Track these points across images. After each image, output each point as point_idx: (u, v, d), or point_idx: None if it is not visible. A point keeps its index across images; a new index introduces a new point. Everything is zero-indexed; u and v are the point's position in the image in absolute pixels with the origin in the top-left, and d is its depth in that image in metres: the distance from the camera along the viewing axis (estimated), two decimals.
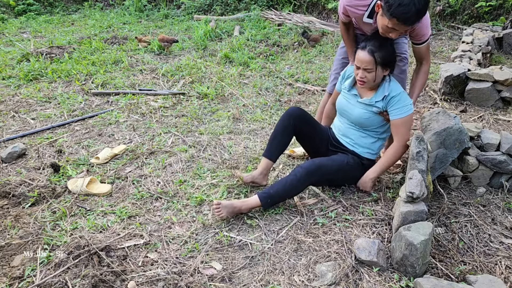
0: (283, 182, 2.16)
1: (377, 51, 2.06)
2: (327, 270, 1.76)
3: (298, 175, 2.15)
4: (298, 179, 2.14)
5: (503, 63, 4.83)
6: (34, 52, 5.24)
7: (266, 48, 5.61)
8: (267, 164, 2.38)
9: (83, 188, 2.36)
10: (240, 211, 2.13)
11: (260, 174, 2.38)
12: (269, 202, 2.14)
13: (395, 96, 2.16)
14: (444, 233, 2.04)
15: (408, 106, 2.17)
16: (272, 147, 2.38)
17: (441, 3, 6.86)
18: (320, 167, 2.19)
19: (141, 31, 7.09)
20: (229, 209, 2.09)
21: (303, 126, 2.39)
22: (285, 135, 2.37)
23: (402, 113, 2.16)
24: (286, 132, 2.36)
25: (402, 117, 2.16)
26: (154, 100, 3.89)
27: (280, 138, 2.37)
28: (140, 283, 1.72)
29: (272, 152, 2.38)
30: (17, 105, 3.72)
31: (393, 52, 2.15)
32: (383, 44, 2.08)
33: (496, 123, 3.28)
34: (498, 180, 2.38)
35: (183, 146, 2.95)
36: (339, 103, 2.39)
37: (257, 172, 2.39)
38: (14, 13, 8.76)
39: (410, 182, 1.88)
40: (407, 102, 2.17)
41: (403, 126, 2.19)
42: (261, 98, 3.89)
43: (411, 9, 1.84)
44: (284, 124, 2.36)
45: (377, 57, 2.06)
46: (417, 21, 1.93)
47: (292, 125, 2.35)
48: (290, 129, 2.36)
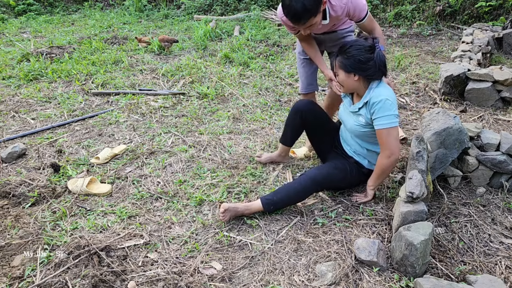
0: (287, 189, 2.16)
1: (338, 56, 2.07)
2: (327, 270, 1.76)
3: (303, 183, 2.14)
4: (303, 187, 2.14)
5: (503, 63, 4.83)
6: (34, 52, 5.24)
7: (266, 48, 5.61)
8: (284, 149, 2.65)
9: (83, 188, 2.36)
10: (243, 215, 2.15)
11: (278, 156, 2.68)
12: (272, 208, 2.15)
13: (376, 103, 2.01)
14: (444, 233, 2.04)
15: (390, 116, 2.01)
16: (287, 134, 2.57)
17: (441, 3, 6.86)
18: (326, 178, 2.19)
19: (141, 31, 7.09)
20: (232, 213, 2.11)
21: (311, 119, 2.44)
22: (296, 127, 2.51)
23: (383, 123, 2.02)
24: (297, 126, 2.50)
25: (382, 128, 2.03)
26: (154, 100, 3.89)
27: (293, 129, 2.53)
28: (140, 283, 1.72)
29: (287, 138, 2.58)
30: (17, 105, 3.73)
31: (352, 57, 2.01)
32: (343, 48, 2.05)
33: (496, 123, 3.28)
34: (498, 180, 2.38)
35: (183, 146, 2.95)
36: (340, 111, 2.40)
37: (275, 154, 2.68)
38: (14, 13, 8.77)
39: (410, 182, 1.88)
40: (390, 112, 2.01)
41: (385, 137, 2.05)
42: (261, 98, 3.89)
43: (290, 11, 1.99)
44: (295, 121, 2.48)
45: (337, 61, 2.08)
46: (303, 18, 2.00)
47: (301, 121, 2.45)
48: (300, 125, 2.48)
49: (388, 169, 2.13)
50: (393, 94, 2.07)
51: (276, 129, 3.24)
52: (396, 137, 2.06)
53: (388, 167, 2.11)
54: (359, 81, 2.07)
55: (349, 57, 2.01)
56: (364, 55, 1.99)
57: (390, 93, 2.05)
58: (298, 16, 1.99)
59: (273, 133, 3.18)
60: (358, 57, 1.99)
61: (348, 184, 2.35)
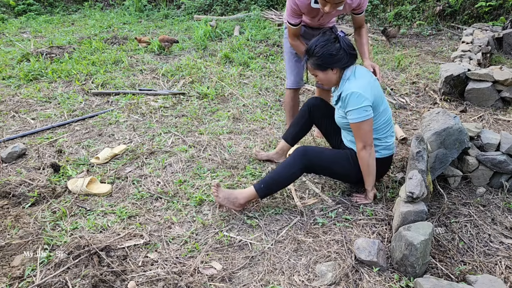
0: (275, 169, 2.19)
1: (309, 59, 2.10)
2: (327, 270, 1.76)
3: (293, 156, 2.15)
4: (289, 161, 2.13)
5: (503, 63, 4.84)
6: (34, 52, 5.24)
7: (266, 48, 5.61)
8: (283, 146, 2.64)
9: (83, 188, 2.36)
10: (237, 201, 2.12)
11: (276, 153, 2.67)
12: (263, 187, 2.12)
13: (345, 97, 2.03)
14: (444, 233, 2.04)
15: (359, 110, 2.00)
16: (290, 131, 2.59)
17: (441, 3, 6.86)
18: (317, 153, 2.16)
19: (141, 31, 7.09)
20: (226, 195, 2.12)
21: (320, 116, 2.48)
22: (302, 121, 2.53)
23: (353, 118, 2.04)
24: (303, 121, 2.53)
25: (353, 122, 2.05)
26: (154, 100, 3.89)
27: (297, 124, 2.55)
28: (140, 283, 1.72)
29: (289, 135, 2.59)
30: (17, 105, 3.73)
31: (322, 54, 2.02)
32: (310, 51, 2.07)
33: (496, 123, 3.28)
34: (498, 180, 2.38)
35: (183, 146, 2.95)
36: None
37: (273, 151, 2.70)
38: (14, 13, 8.77)
39: (410, 182, 1.88)
40: (358, 105, 2.00)
41: (356, 130, 2.07)
42: (261, 98, 3.89)
43: None
44: (301, 113, 2.53)
45: (310, 64, 2.10)
46: None
47: (309, 114, 2.49)
48: (307, 117, 2.51)
49: (369, 161, 2.11)
50: (364, 85, 2.03)
51: (276, 129, 3.24)
52: (368, 130, 2.06)
53: (367, 158, 2.10)
54: (338, 73, 2.11)
55: (319, 56, 2.03)
56: (332, 47, 2.02)
57: (359, 84, 2.02)
58: None
59: (273, 133, 3.18)
60: (328, 52, 2.02)
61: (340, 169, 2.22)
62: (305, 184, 2.48)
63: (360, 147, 2.10)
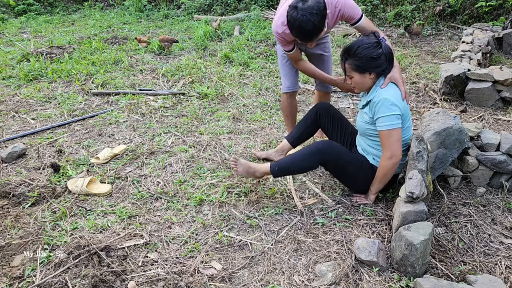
0: (293, 153, 2.22)
1: (348, 59, 2.06)
2: (327, 270, 1.76)
3: (309, 147, 2.18)
4: (309, 150, 2.16)
5: (503, 63, 4.83)
6: (34, 52, 5.24)
7: (266, 48, 5.61)
8: (284, 145, 2.63)
9: (83, 188, 2.36)
10: (254, 173, 2.24)
11: (275, 152, 2.66)
12: (277, 170, 2.19)
13: (376, 103, 2.01)
14: (444, 233, 2.04)
15: (391, 117, 1.99)
16: (294, 132, 2.60)
17: (441, 3, 6.86)
18: (334, 150, 2.16)
19: (141, 31, 7.09)
20: (245, 167, 2.22)
21: (327, 120, 2.50)
22: (308, 123, 2.55)
23: (383, 125, 2.01)
24: (309, 122, 2.55)
25: (383, 130, 2.02)
26: (154, 100, 3.89)
27: (303, 126, 2.57)
28: (140, 283, 1.72)
29: (292, 136, 2.60)
30: (17, 105, 3.73)
31: (364, 56, 1.99)
32: (351, 51, 2.03)
33: (496, 123, 3.28)
34: (498, 180, 2.38)
35: (183, 146, 2.95)
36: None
37: (273, 150, 2.69)
38: (14, 13, 8.77)
39: (410, 182, 1.88)
40: (390, 112, 1.98)
41: (385, 138, 2.04)
42: (261, 98, 3.89)
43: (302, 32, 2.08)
44: (309, 115, 2.55)
45: (348, 64, 2.07)
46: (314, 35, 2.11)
47: (316, 118, 2.52)
48: (313, 119, 2.53)
49: (390, 171, 2.10)
50: (397, 95, 2.03)
51: (276, 129, 3.24)
52: (397, 139, 2.03)
53: (390, 169, 2.09)
54: (374, 78, 2.08)
55: (360, 57, 2.00)
56: (374, 51, 1.99)
57: (392, 93, 2.02)
58: (309, 35, 2.11)
59: (273, 133, 3.18)
60: (370, 55, 1.99)
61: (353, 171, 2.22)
62: (305, 184, 2.48)
63: (387, 156, 2.06)
